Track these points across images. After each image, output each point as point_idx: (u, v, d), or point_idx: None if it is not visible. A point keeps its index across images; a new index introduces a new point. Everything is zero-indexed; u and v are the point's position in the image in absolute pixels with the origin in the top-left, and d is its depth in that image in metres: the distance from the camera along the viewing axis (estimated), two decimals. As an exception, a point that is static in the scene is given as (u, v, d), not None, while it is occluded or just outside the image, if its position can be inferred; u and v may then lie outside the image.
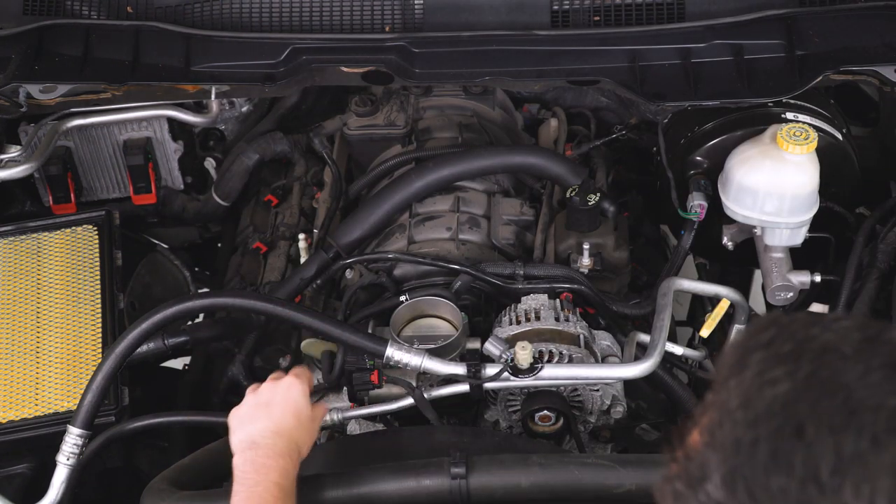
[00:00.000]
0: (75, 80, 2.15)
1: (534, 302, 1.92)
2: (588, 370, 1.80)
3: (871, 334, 0.84)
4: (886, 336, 0.85)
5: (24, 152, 2.22)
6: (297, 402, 1.54)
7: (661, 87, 2.09)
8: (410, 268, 2.06)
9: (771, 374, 0.82)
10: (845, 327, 0.85)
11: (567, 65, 2.13)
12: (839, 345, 0.83)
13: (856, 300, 1.99)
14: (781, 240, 2.04)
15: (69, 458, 1.66)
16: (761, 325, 0.88)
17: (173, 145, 2.41)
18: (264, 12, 2.22)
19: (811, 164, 1.95)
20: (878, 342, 0.84)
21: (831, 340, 0.84)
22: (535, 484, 1.52)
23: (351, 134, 2.44)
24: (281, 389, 1.56)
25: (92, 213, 2.19)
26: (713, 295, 2.02)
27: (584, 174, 2.17)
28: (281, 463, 1.43)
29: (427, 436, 1.72)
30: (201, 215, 2.53)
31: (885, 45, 2.09)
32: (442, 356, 1.80)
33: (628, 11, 2.18)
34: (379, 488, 1.50)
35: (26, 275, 2.06)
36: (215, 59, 2.17)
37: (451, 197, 2.20)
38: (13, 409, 1.85)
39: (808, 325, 0.86)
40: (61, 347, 1.93)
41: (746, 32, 2.12)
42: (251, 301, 1.80)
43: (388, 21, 2.21)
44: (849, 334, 0.84)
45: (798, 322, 0.87)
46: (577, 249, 2.09)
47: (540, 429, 1.85)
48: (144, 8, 2.24)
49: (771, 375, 0.82)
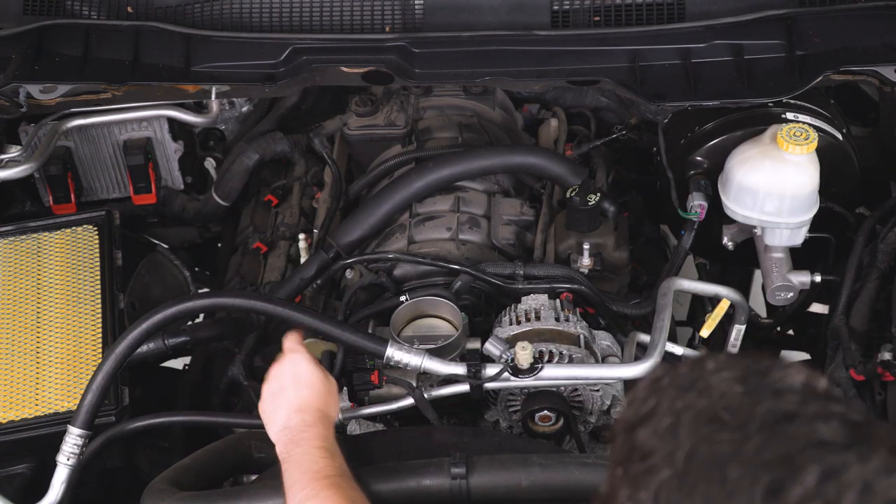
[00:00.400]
0: (75, 80, 2.15)
1: (534, 302, 1.92)
2: (588, 370, 1.80)
3: (752, 385, 0.82)
4: (768, 382, 0.82)
5: (24, 152, 2.22)
6: (306, 374, 1.59)
7: (661, 87, 2.09)
8: (410, 268, 2.06)
9: (652, 460, 0.81)
10: (724, 380, 0.83)
11: (567, 65, 2.13)
12: (716, 410, 0.81)
13: (856, 300, 1.99)
14: (781, 240, 2.04)
15: (69, 458, 1.66)
16: (643, 395, 0.86)
17: (173, 145, 2.41)
18: (264, 12, 2.22)
19: (811, 164, 1.95)
20: (759, 393, 0.81)
21: (708, 407, 0.81)
22: (535, 484, 1.52)
23: (351, 134, 2.44)
24: (287, 369, 1.61)
25: (92, 213, 2.19)
26: (713, 295, 2.02)
27: (584, 174, 2.17)
28: (315, 431, 1.50)
29: (427, 436, 1.72)
30: (201, 215, 2.53)
31: (885, 45, 2.09)
32: (442, 356, 1.80)
33: (628, 11, 2.18)
34: (379, 488, 1.50)
35: (26, 275, 2.06)
36: (215, 59, 2.17)
37: (451, 197, 2.20)
38: (13, 409, 1.84)
39: (684, 389, 0.84)
40: (61, 347, 1.93)
41: (746, 32, 2.12)
42: (251, 301, 1.80)
43: (388, 21, 2.21)
44: (728, 390, 0.82)
45: (675, 385, 0.85)
46: (577, 249, 2.09)
47: (540, 429, 1.85)
48: (144, 8, 2.24)
49: (652, 462, 0.81)
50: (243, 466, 1.76)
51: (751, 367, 0.84)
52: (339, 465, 1.46)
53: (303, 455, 1.47)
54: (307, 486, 1.41)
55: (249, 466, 1.75)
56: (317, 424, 1.52)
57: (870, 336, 1.96)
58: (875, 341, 1.95)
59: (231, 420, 1.90)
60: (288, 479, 1.44)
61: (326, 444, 1.49)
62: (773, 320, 2.32)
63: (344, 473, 1.45)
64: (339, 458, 1.48)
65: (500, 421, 1.92)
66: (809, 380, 0.83)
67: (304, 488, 1.41)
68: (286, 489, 1.44)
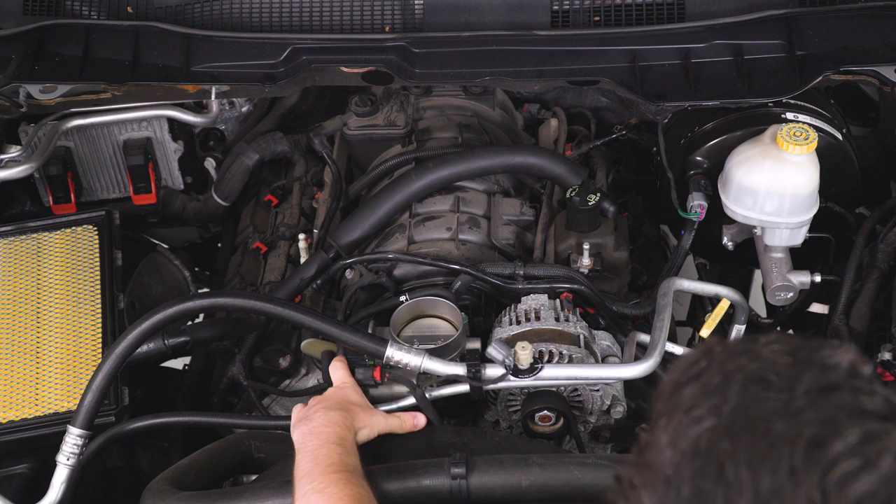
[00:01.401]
0: (75, 80, 2.15)
1: (534, 302, 1.92)
2: (588, 370, 1.80)
3: (801, 357, 0.85)
4: (817, 357, 0.85)
5: (24, 152, 2.22)
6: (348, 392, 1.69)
7: (661, 87, 2.09)
8: (410, 268, 2.06)
9: (697, 411, 0.83)
10: (775, 352, 0.86)
11: (567, 65, 2.13)
12: (765, 373, 0.83)
13: (856, 300, 1.99)
14: (781, 240, 2.04)
15: (69, 458, 1.66)
16: (693, 358, 0.89)
17: (173, 145, 2.41)
18: (264, 12, 2.22)
19: (811, 164, 1.95)
20: (808, 364, 0.84)
21: (758, 369, 0.84)
22: (535, 484, 1.52)
23: (351, 134, 2.44)
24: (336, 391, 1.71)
25: (92, 213, 2.19)
26: (713, 295, 2.02)
27: (584, 174, 2.17)
28: (336, 430, 1.54)
29: (427, 436, 1.72)
30: (201, 215, 2.53)
31: (885, 45, 2.08)
32: (442, 356, 1.80)
33: (628, 11, 2.17)
34: (379, 488, 1.50)
35: (26, 275, 2.06)
36: (215, 59, 2.17)
37: (451, 197, 2.20)
38: (13, 409, 1.85)
39: (736, 355, 0.86)
40: (61, 347, 1.93)
41: (746, 32, 2.12)
42: (251, 301, 1.80)
43: (388, 21, 2.21)
44: (778, 359, 0.85)
45: (727, 351, 0.87)
46: (577, 249, 2.09)
47: (540, 429, 1.85)
48: (144, 8, 2.24)
49: (697, 413, 0.83)
50: (243, 466, 1.76)
51: (801, 344, 0.87)
52: (351, 463, 1.47)
53: (319, 448, 1.48)
54: (317, 478, 1.41)
55: (249, 466, 1.76)
56: (340, 425, 1.55)
57: (870, 336, 1.96)
58: (875, 341, 1.95)
59: (231, 420, 1.90)
60: (299, 470, 1.45)
61: (344, 443, 1.51)
62: (773, 320, 2.32)
63: (355, 471, 1.46)
64: (353, 458, 1.50)
65: (500, 421, 1.92)
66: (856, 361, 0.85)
67: (313, 480, 1.41)
68: (296, 479, 1.44)
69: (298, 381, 2.01)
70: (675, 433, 0.83)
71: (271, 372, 2.01)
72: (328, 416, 1.57)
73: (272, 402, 2.01)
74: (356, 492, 1.40)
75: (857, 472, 0.75)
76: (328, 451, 1.48)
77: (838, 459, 0.76)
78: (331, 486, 1.40)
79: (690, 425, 0.83)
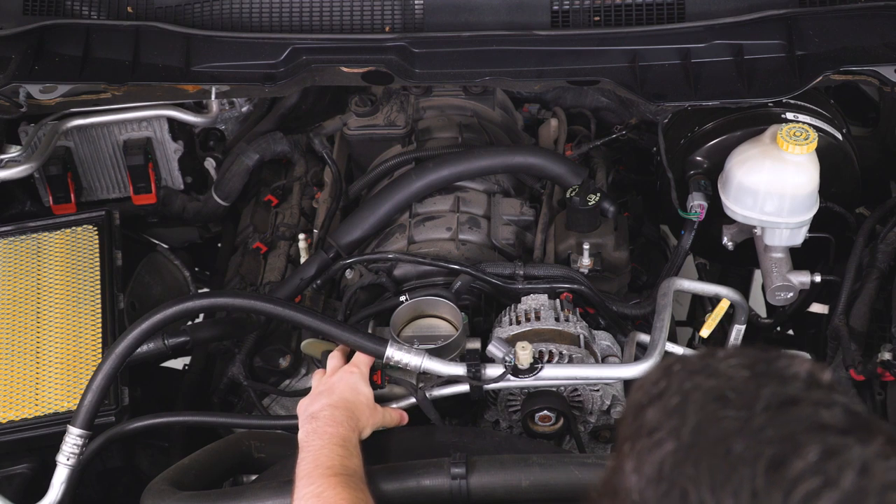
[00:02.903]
0: (75, 80, 2.15)
1: (534, 302, 1.92)
2: (588, 370, 1.80)
3: (758, 370, 0.84)
4: (775, 368, 0.84)
5: (24, 152, 2.22)
6: (356, 385, 1.67)
7: (661, 87, 2.09)
8: (410, 268, 2.06)
9: (658, 434, 0.83)
10: (732, 366, 0.85)
11: (567, 65, 2.13)
12: (723, 390, 0.83)
13: (856, 300, 1.99)
14: (781, 240, 2.04)
15: (69, 458, 1.66)
16: (653, 378, 0.88)
17: (173, 145, 2.41)
18: (264, 12, 2.22)
19: (811, 164, 1.95)
20: (766, 377, 0.83)
21: (715, 386, 0.84)
22: (535, 484, 1.52)
23: (351, 134, 2.44)
24: (340, 375, 1.69)
25: (92, 213, 2.19)
26: (713, 295, 2.02)
27: (584, 174, 2.17)
28: (340, 431, 1.54)
29: (427, 436, 1.72)
30: (201, 215, 2.53)
31: (885, 45, 2.09)
32: (442, 356, 1.80)
33: (628, 11, 2.17)
34: (379, 488, 1.50)
35: (26, 275, 2.06)
36: (215, 59, 2.17)
37: (451, 197, 2.20)
38: (13, 409, 1.84)
39: (694, 372, 0.86)
40: (61, 347, 1.93)
41: (746, 32, 2.12)
42: (251, 301, 1.80)
43: (388, 21, 2.21)
44: (735, 374, 0.84)
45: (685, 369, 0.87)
46: (577, 249, 2.09)
47: (540, 429, 1.85)
48: (144, 8, 2.24)
49: (658, 437, 0.83)
50: (243, 466, 1.76)
51: (758, 356, 0.86)
52: (352, 467, 1.47)
53: (321, 448, 1.49)
54: (316, 480, 1.42)
55: (249, 466, 1.76)
56: (345, 426, 1.56)
57: (870, 336, 1.96)
58: (875, 341, 1.95)
59: (231, 420, 1.90)
60: (300, 470, 1.46)
61: (347, 444, 1.52)
62: (773, 320, 2.32)
63: (355, 475, 1.46)
64: (355, 461, 1.49)
65: (500, 421, 1.92)
66: (814, 370, 0.85)
67: (311, 483, 1.42)
68: (296, 479, 1.45)
69: (298, 381, 2.01)
70: (639, 458, 0.83)
71: (271, 372, 2.01)
72: (333, 415, 1.57)
73: (272, 402, 2.01)
74: (354, 496, 1.40)
75: (819, 491, 0.75)
76: (330, 453, 1.48)
77: (799, 479, 0.75)
78: (328, 489, 1.40)
79: (653, 449, 0.82)
